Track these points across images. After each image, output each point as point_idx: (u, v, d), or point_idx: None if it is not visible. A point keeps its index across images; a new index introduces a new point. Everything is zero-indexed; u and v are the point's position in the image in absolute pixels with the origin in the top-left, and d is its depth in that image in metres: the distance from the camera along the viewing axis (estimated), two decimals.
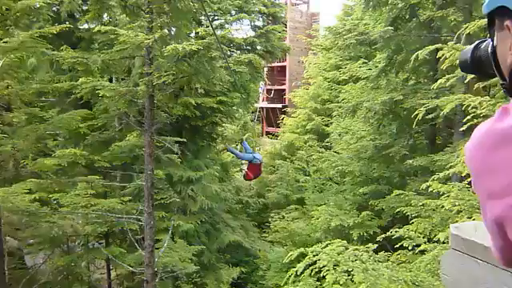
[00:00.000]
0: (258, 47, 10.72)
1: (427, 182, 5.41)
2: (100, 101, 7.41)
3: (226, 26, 10.47)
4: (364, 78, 10.47)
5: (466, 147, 0.77)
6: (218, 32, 8.32)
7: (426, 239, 4.60)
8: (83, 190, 7.68)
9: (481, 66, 0.91)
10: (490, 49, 0.83)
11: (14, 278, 7.06)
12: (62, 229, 7.48)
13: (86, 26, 8.68)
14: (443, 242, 3.95)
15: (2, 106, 6.49)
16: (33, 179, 7.10)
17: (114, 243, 8.99)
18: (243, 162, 11.87)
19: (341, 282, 3.73)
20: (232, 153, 10.95)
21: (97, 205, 7.50)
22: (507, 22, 0.74)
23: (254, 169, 9.92)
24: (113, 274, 9.25)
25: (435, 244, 4.21)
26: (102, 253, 8.23)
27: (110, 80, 8.29)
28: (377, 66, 10.28)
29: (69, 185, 7.79)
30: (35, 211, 6.90)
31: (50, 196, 7.49)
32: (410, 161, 8.15)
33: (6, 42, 5.85)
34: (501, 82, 0.81)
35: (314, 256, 3.96)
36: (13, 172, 7.11)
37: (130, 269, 7.40)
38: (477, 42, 0.94)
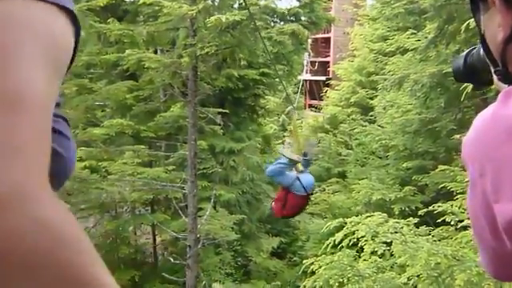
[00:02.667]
0: (302, 18, 10.50)
1: None
2: (145, 72, 7.59)
3: None
4: (412, 50, 10.08)
5: (465, 142, 0.65)
6: (261, 2, 8.24)
7: None
8: (130, 158, 7.98)
9: (475, 73, 0.86)
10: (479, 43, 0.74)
11: None
12: (110, 195, 7.85)
13: None
14: None
15: None
16: (83, 147, 7.46)
17: (159, 210, 9.36)
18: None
19: (379, 253, 3.74)
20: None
21: (143, 173, 7.80)
22: None
23: (293, 201, 5.27)
24: (158, 239, 9.66)
25: None
26: (148, 219, 8.61)
27: (155, 52, 8.45)
28: (426, 37, 9.86)
29: (116, 153, 8.12)
30: (86, 178, 7.27)
31: (99, 164, 7.85)
32: (458, 136, 7.86)
33: None
34: (494, 70, 0.71)
35: (352, 226, 3.98)
36: None
37: (174, 234, 7.71)
38: (469, 48, 0.89)
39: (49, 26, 0.48)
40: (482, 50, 0.77)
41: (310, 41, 16.79)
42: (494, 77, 0.75)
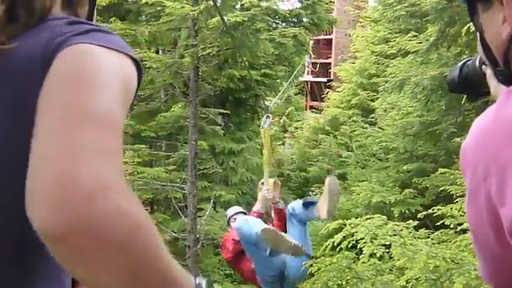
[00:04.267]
0: (304, 19, 10.51)
1: None
2: (147, 72, 7.59)
3: None
4: (413, 52, 10.07)
5: (464, 147, 0.64)
6: (263, 4, 8.26)
7: None
8: (130, 158, 7.99)
9: (469, 84, 0.88)
10: (478, 42, 0.73)
11: None
12: None
13: None
14: None
15: None
16: None
17: (159, 210, 9.36)
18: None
19: (378, 255, 3.74)
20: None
21: (143, 173, 7.80)
22: None
23: (251, 276, 3.94)
24: None
25: None
26: None
27: (157, 52, 8.45)
28: (427, 40, 9.86)
29: None
30: None
31: None
32: (459, 139, 7.85)
33: None
34: (495, 70, 0.70)
35: (351, 228, 3.99)
36: None
37: (174, 234, 7.71)
38: (464, 60, 0.90)
39: (129, 72, 0.65)
40: (477, 61, 0.77)
41: (311, 42, 16.80)
42: (492, 84, 0.74)
